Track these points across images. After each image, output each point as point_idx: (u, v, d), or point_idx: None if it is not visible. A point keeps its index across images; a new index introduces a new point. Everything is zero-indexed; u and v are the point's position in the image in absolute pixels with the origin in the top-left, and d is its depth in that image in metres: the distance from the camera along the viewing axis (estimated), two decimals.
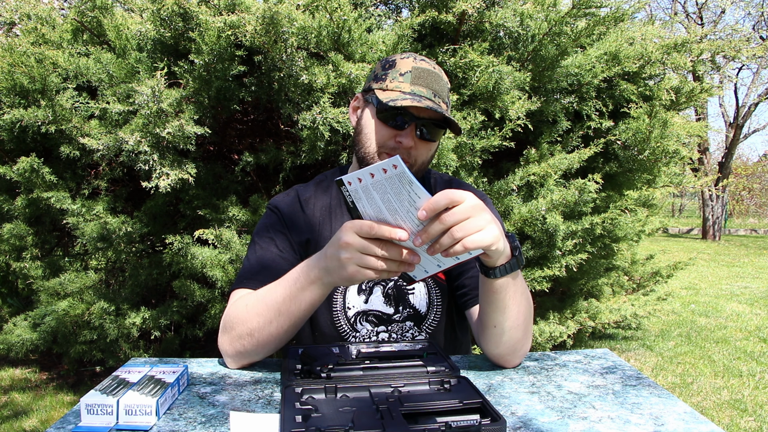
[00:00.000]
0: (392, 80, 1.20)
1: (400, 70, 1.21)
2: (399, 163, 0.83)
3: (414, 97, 1.16)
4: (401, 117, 1.18)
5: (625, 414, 0.95)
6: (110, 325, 2.78)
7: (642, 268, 4.11)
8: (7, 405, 3.21)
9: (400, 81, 1.19)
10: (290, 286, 1.06)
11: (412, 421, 0.84)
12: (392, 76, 1.21)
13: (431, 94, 1.19)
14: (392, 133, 1.20)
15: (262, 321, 1.08)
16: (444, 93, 1.22)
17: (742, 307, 5.99)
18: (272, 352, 1.15)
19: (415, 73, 1.20)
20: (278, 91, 2.45)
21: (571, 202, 2.63)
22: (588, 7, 2.64)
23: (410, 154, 1.21)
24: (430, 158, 1.27)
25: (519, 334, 1.12)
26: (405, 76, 1.19)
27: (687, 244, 12.85)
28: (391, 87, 1.19)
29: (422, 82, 1.19)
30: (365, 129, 1.23)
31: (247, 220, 2.58)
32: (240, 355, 1.14)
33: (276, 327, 1.08)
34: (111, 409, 0.88)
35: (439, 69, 1.25)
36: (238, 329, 1.11)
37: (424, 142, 1.22)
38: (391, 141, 1.20)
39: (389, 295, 1.30)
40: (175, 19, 2.40)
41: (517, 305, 1.08)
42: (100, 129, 2.44)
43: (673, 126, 2.88)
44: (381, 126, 1.21)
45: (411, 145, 1.19)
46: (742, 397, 3.44)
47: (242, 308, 1.13)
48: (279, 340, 1.11)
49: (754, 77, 14.53)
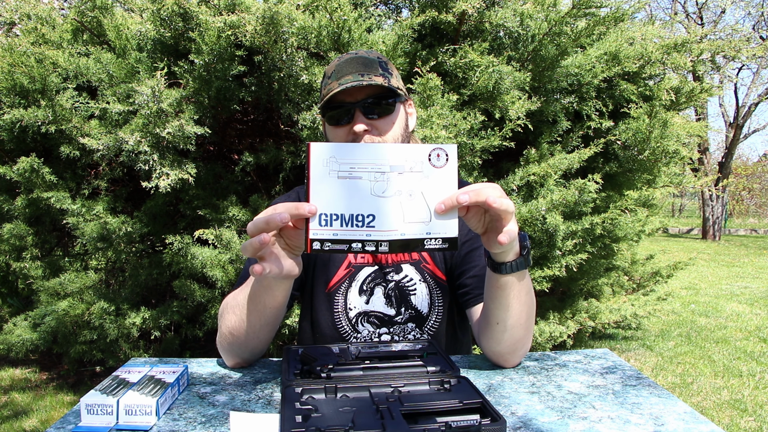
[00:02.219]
0: (324, 87, 1.24)
1: (327, 75, 1.25)
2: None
3: (340, 86, 1.18)
4: (343, 110, 1.21)
5: (625, 414, 0.94)
6: (110, 325, 2.78)
7: (642, 268, 4.11)
8: (7, 405, 3.21)
9: (330, 84, 1.22)
10: (253, 286, 1.07)
11: (412, 421, 0.84)
12: (324, 84, 1.25)
13: (357, 76, 1.19)
14: (347, 129, 1.22)
15: (237, 320, 1.10)
16: (373, 67, 1.22)
17: (742, 307, 5.99)
18: (260, 350, 1.16)
19: (337, 69, 1.22)
20: (278, 91, 2.45)
21: (571, 202, 2.63)
22: (588, 7, 2.64)
23: (373, 135, 1.21)
24: (401, 131, 1.26)
25: (520, 333, 1.12)
26: (331, 77, 1.23)
27: (687, 244, 12.86)
28: (325, 92, 1.22)
29: (345, 71, 1.21)
30: (329, 138, 1.27)
31: (247, 220, 2.58)
32: (228, 353, 1.16)
33: (249, 325, 1.09)
34: (111, 409, 0.88)
35: (367, 51, 1.27)
36: (222, 328, 1.15)
37: (380, 119, 1.22)
38: (350, 135, 1.22)
39: (390, 296, 1.30)
40: (175, 19, 2.40)
41: (520, 304, 1.08)
42: (100, 129, 2.44)
43: (673, 126, 2.88)
44: (335, 129, 1.24)
45: (366, 129, 1.20)
46: (742, 397, 3.44)
47: (224, 307, 1.16)
48: (258, 339, 1.12)
49: (754, 77, 14.55)
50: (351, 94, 1.19)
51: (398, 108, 1.25)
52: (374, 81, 1.17)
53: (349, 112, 1.21)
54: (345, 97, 1.19)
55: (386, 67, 1.25)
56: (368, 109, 1.21)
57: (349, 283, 1.30)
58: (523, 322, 1.11)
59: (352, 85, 1.16)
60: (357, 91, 1.19)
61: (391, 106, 1.23)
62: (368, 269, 1.31)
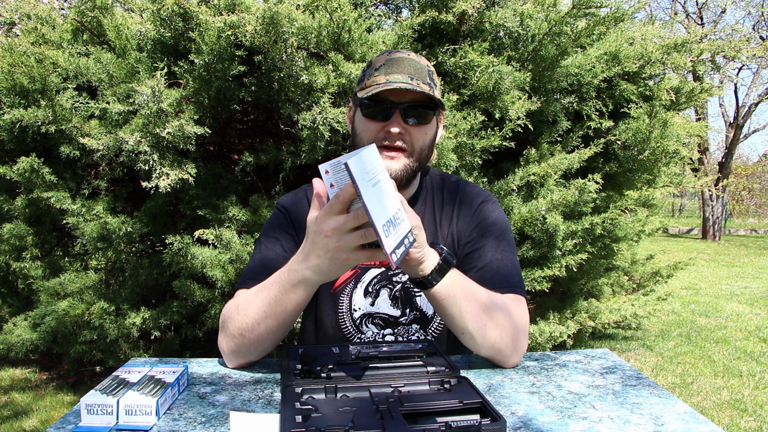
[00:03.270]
0: (369, 77, 1.23)
1: (375, 66, 1.23)
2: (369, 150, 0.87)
3: (388, 84, 1.17)
4: (383, 107, 1.20)
5: (625, 414, 0.94)
6: (110, 325, 2.78)
7: (642, 268, 4.11)
8: (7, 405, 3.21)
9: (375, 76, 1.21)
10: (276, 289, 1.06)
11: (412, 421, 0.84)
12: (369, 74, 1.24)
13: (407, 78, 1.19)
14: (380, 126, 1.21)
15: (251, 322, 1.09)
16: (422, 74, 1.22)
17: (742, 307, 5.99)
18: (267, 351, 1.16)
19: (387, 63, 1.21)
20: (278, 91, 2.45)
21: (571, 202, 2.63)
22: (588, 7, 2.64)
23: (405, 139, 1.21)
24: (429, 143, 1.26)
25: (494, 334, 1.10)
26: (379, 70, 1.21)
27: (687, 244, 12.85)
28: (369, 83, 1.21)
29: (396, 70, 1.20)
30: (358, 129, 1.25)
31: (247, 220, 2.58)
32: (234, 354, 1.15)
33: (264, 328, 1.09)
34: (111, 409, 0.88)
35: (417, 55, 1.27)
36: (231, 328, 1.13)
37: (415, 126, 1.22)
38: (382, 133, 1.21)
39: (396, 298, 1.30)
40: (175, 19, 2.40)
41: (471, 308, 1.08)
42: (100, 129, 2.44)
43: (673, 126, 2.88)
44: (369, 122, 1.22)
45: (400, 131, 1.19)
46: (742, 397, 3.44)
47: (234, 308, 1.14)
48: (270, 341, 1.12)
49: (754, 77, 14.54)
50: (396, 94, 1.19)
51: (434, 120, 1.26)
52: (422, 89, 1.17)
53: (390, 110, 1.20)
54: (389, 95, 1.19)
55: (432, 77, 1.25)
56: (408, 114, 1.20)
57: (354, 284, 1.30)
58: (487, 323, 1.09)
59: (402, 87, 1.16)
60: (402, 93, 1.19)
61: (430, 116, 1.23)
62: (374, 271, 1.31)
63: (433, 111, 1.24)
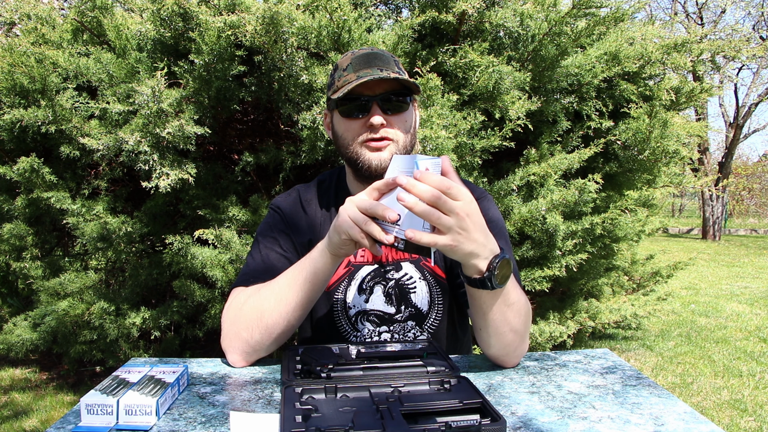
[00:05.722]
0: (339, 79, 1.23)
1: (342, 67, 1.24)
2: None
3: (360, 79, 1.18)
4: (360, 102, 1.20)
5: (625, 414, 0.94)
6: (110, 325, 2.78)
7: (642, 268, 4.11)
8: (7, 405, 3.21)
9: (345, 75, 1.22)
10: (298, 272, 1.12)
11: (412, 421, 0.84)
12: (338, 75, 1.24)
13: (377, 70, 1.19)
14: (361, 122, 1.22)
15: (273, 302, 1.12)
16: (390, 64, 1.23)
17: (742, 307, 5.99)
18: (280, 340, 1.16)
19: (354, 61, 1.22)
20: (278, 91, 2.45)
21: (571, 202, 2.63)
22: (588, 7, 2.64)
23: (387, 130, 1.21)
24: (411, 130, 1.27)
25: (508, 338, 1.11)
26: (347, 69, 1.22)
27: (687, 244, 12.85)
28: (341, 84, 1.22)
29: (364, 65, 1.21)
30: (339, 131, 1.26)
31: (247, 220, 2.58)
32: (248, 347, 1.14)
33: (285, 305, 1.12)
34: (111, 409, 0.88)
35: (381, 49, 1.28)
36: (245, 319, 1.13)
37: (395, 115, 1.22)
38: (364, 128, 1.21)
39: (390, 295, 1.30)
40: (175, 19, 2.40)
41: (499, 314, 1.07)
42: (100, 129, 2.44)
43: (673, 126, 2.88)
44: (348, 121, 1.23)
45: (381, 123, 1.20)
46: (742, 397, 3.44)
47: (241, 301, 1.16)
48: (288, 324, 1.13)
49: (754, 77, 14.54)
50: (370, 88, 1.19)
51: (411, 106, 1.27)
52: (394, 76, 1.18)
53: (366, 105, 1.20)
54: (363, 89, 1.19)
55: (399, 65, 1.26)
56: (385, 104, 1.21)
57: (348, 282, 1.30)
58: (508, 329, 1.09)
59: (374, 78, 1.16)
60: (376, 85, 1.19)
61: (406, 104, 1.24)
62: (368, 268, 1.31)
63: (410, 97, 1.25)
